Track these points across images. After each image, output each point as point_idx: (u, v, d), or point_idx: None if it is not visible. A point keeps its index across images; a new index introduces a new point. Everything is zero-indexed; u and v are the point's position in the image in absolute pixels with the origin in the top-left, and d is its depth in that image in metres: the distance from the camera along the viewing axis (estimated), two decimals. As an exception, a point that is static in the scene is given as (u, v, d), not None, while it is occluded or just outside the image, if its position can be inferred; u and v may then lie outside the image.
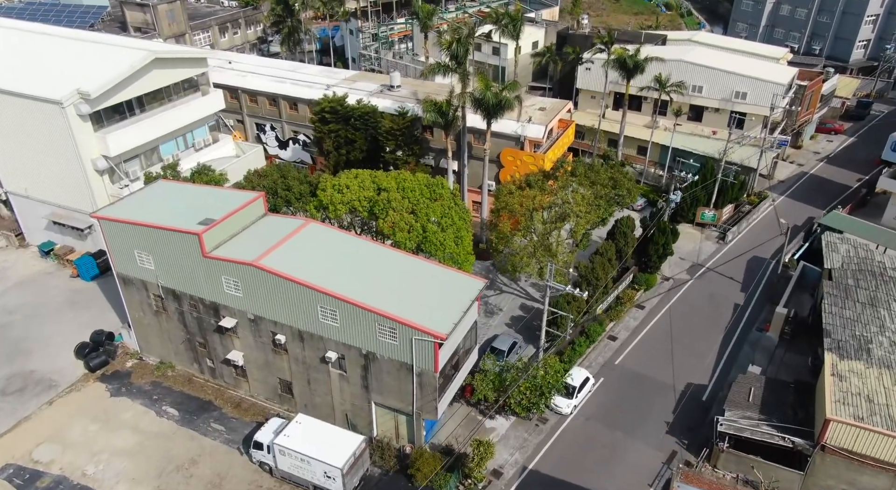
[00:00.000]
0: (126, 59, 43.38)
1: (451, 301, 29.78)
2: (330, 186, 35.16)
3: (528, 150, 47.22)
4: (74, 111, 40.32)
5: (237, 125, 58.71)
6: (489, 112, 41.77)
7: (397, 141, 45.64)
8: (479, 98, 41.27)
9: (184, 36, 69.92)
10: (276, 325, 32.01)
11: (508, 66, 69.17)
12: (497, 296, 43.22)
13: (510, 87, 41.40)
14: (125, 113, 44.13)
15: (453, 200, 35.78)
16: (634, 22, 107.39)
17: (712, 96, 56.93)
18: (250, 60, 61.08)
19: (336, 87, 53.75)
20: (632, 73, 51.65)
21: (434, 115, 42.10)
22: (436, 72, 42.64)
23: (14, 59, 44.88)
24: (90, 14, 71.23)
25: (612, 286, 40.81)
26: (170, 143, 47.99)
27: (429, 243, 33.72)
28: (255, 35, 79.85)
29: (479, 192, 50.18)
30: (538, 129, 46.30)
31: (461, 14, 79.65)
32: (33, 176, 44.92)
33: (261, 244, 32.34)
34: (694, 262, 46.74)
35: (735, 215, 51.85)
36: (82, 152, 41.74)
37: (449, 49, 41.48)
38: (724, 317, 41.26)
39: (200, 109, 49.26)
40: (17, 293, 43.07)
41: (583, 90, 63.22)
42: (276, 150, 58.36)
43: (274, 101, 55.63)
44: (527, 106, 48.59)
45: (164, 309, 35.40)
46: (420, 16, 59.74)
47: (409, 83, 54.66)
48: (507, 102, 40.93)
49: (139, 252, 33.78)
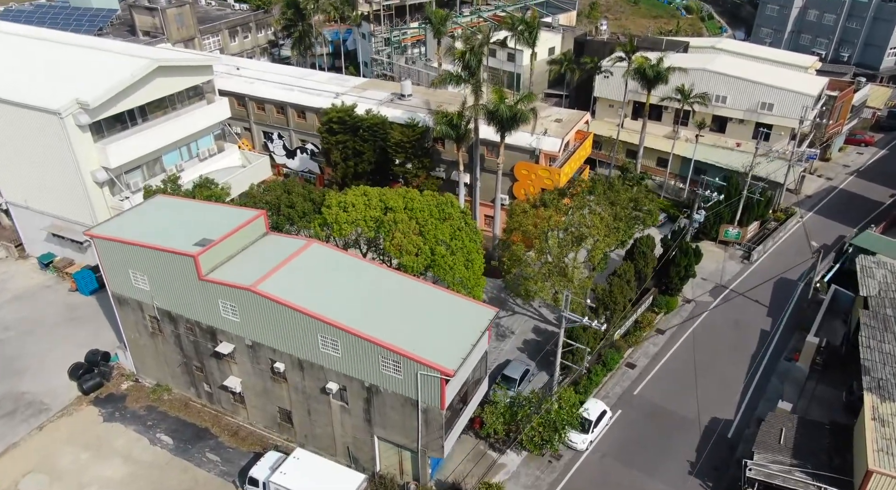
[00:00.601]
0: (128, 67, 42.01)
1: (459, 332, 27.89)
2: (335, 204, 33.39)
3: (543, 164, 45.18)
4: (73, 121, 38.94)
5: (244, 133, 57.30)
6: (503, 125, 39.83)
7: (407, 153, 43.81)
8: (492, 111, 39.34)
9: (193, 40, 68.67)
10: (274, 352, 30.32)
11: (524, 73, 67.14)
12: (509, 317, 41.25)
13: (525, 99, 39.40)
14: (127, 123, 42.74)
15: (463, 220, 33.88)
16: (654, 26, 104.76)
17: (737, 107, 54.49)
18: (259, 66, 59.66)
19: (345, 95, 52.11)
20: (653, 83, 49.41)
21: (445, 127, 40.25)
22: (447, 82, 40.74)
23: (14, 67, 43.67)
24: (99, 18, 70.22)
25: (631, 309, 38.68)
26: (173, 153, 46.55)
27: (437, 267, 31.85)
28: (265, 39, 78.52)
29: (491, 206, 48.24)
30: (554, 142, 44.25)
31: (475, 18, 77.77)
32: (32, 186, 43.67)
33: (260, 266, 30.69)
34: (717, 283, 44.43)
35: (760, 233, 49.41)
36: (81, 164, 40.36)
37: (461, 59, 39.57)
38: (751, 344, 38.94)
39: (205, 118, 47.77)
40: (14, 307, 41.81)
41: (601, 98, 61.03)
42: (283, 159, 56.84)
43: (282, 109, 54.09)
44: (542, 117, 46.60)
45: (159, 330, 33.87)
46: (433, 21, 57.89)
47: (420, 92, 52.85)
48: (523, 116, 38.98)
49: (134, 272, 32.27)
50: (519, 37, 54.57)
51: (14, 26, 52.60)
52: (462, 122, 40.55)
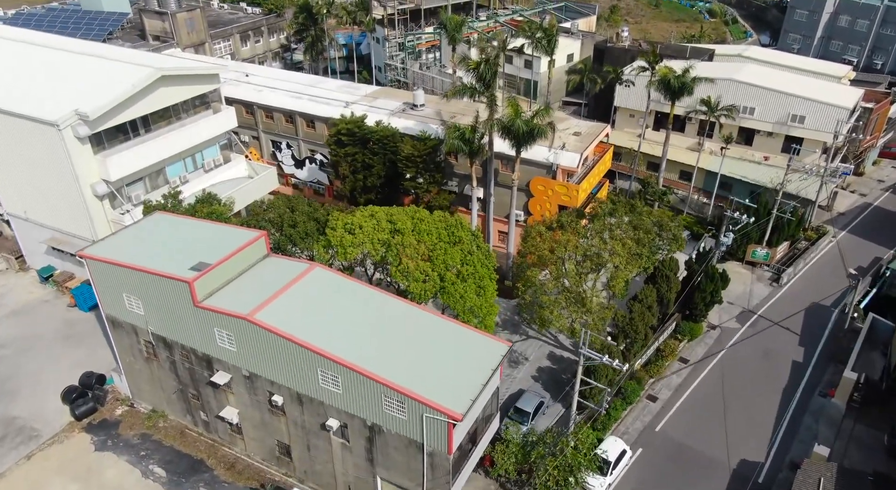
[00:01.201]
0: (131, 76, 40.54)
1: (469, 369, 25.88)
2: (341, 226, 31.53)
3: (560, 180, 43.01)
4: (72, 133, 37.50)
5: (252, 142, 55.74)
6: (519, 141, 37.74)
7: (417, 168, 41.87)
8: (507, 125, 37.26)
9: (203, 45, 67.36)
10: (272, 384, 28.52)
11: (541, 81, 64.95)
12: (523, 342, 39.14)
13: (542, 113, 37.28)
14: (128, 133, 41.25)
15: (475, 244, 31.84)
16: (676, 31, 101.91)
17: (765, 119, 51.85)
18: (268, 73, 58.07)
19: (355, 104, 50.31)
20: (678, 95, 46.98)
21: (457, 142, 38.24)
22: (461, 94, 38.73)
23: (14, 74, 42.39)
24: (110, 21, 69.20)
25: (652, 337, 36.39)
26: (177, 165, 45.03)
27: (446, 295, 29.86)
28: (277, 43, 77.08)
29: (506, 222, 46.14)
30: (572, 157, 42.05)
31: (492, 23, 75.69)
32: (32, 198, 42.37)
33: (259, 292, 28.92)
34: (744, 307, 41.93)
35: (790, 253, 46.78)
36: (80, 176, 38.93)
37: (476, 71, 37.55)
38: (782, 377, 36.46)
39: (211, 129, 46.21)
40: (11, 323, 40.52)
41: (621, 108, 58.64)
42: (291, 169, 55.18)
43: (290, 118, 52.42)
44: (560, 130, 44.40)
45: (154, 356, 32.24)
46: (448, 28, 55.91)
47: (433, 101, 50.88)
48: (540, 131, 36.86)
49: (128, 295, 30.66)
50: (537, 45, 52.39)
51: (19, 32, 51.51)
52: (475, 137, 38.52)
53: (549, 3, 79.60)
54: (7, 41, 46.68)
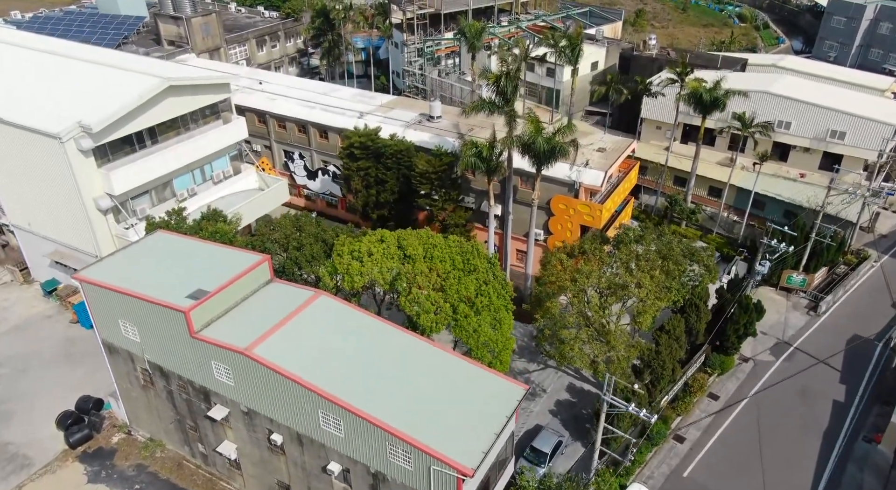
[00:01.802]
0: (139, 86, 39.14)
1: (482, 416, 23.79)
2: (347, 252, 29.63)
3: (583, 198, 40.71)
4: (75, 146, 36.15)
5: (264, 151, 54.23)
6: (539, 159, 35.55)
7: (432, 185, 39.85)
8: (527, 143, 35.10)
9: (218, 50, 66.13)
10: (271, 422, 26.71)
11: (564, 90, 62.51)
12: (541, 372, 36.95)
13: (565, 131, 35.05)
14: (134, 145, 39.85)
15: (491, 272, 29.72)
16: (704, 36, 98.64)
17: (802, 134, 48.93)
18: (282, 80, 56.49)
19: (370, 115, 48.49)
20: (709, 109, 44.37)
21: (474, 159, 36.16)
22: (480, 110, 36.63)
23: (20, 83, 41.24)
24: (126, 26, 68.33)
25: (681, 371, 33.96)
26: (185, 177, 43.56)
27: (459, 328, 27.79)
28: (294, 48, 75.68)
29: (524, 240, 43.97)
30: (596, 175, 39.72)
31: (513, 28, 73.43)
32: (35, 210, 41.21)
33: (260, 323, 27.15)
34: (779, 338, 39.24)
35: (829, 279, 43.89)
36: (83, 190, 37.59)
37: (496, 84, 35.43)
38: (821, 418, 33.77)
39: (221, 140, 44.68)
40: (11, 340, 39.34)
41: (647, 119, 56.06)
42: (304, 179, 53.55)
43: (303, 128, 50.78)
44: (584, 145, 42.12)
45: (151, 384, 30.64)
46: (467, 35, 53.82)
47: (451, 113, 48.83)
48: (562, 150, 34.63)
49: (123, 322, 29.09)
50: (560, 54, 50.07)
51: (30, 37, 50.53)
52: (493, 154, 36.40)
53: (572, 9, 77.13)
54: (16, 48, 45.62)
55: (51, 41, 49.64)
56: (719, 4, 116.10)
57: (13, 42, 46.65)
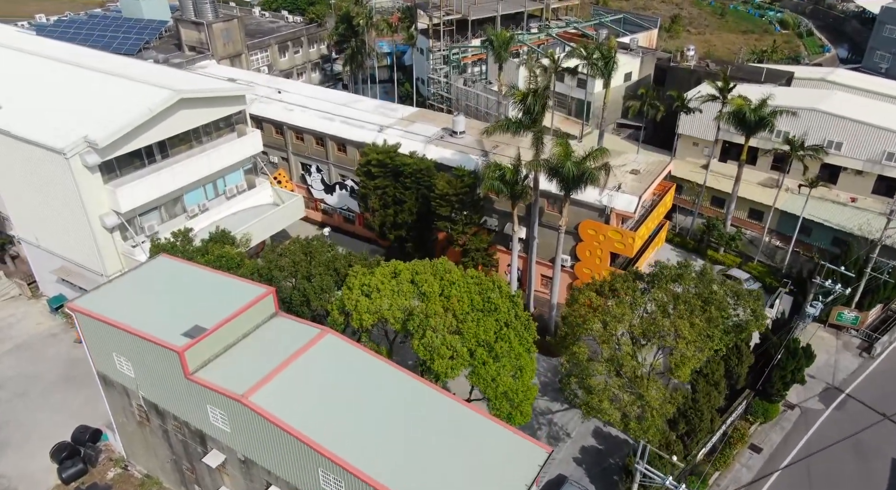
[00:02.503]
0: (150, 98, 37.54)
1: (500, 483, 21.35)
2: (358, 286, 27.41)
3: (614, 224, 37.90)
4: (80, 162, 34.63)
5: (281, 163, 52.42)
6: (568, 185, 32.92)
7: (453, 207, 37.46)
8: (555, 167, 32.49)
9: (240, 56, 64.67)
10: (269, 474, 24.63)
11: (595, 101, 59.64)
12: (565, 412, 34.33)
13: (596, 155, 32.37)
14: (143, 160, 38.27)
15: (513, 312, 27.20)
16: (744, 44, 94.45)
17: (855, 156, 45.36)
18: (302, 89, 54.62)
19: (390, 128, 46.30)
20: (754, 130, 41.18)
21: (497, 183, 33.67)
22: (504, 129, 34.12)
23: (31, 94, 39.95)
24: (148, 30, 67.37)
25: (719, 420, 31.01)
26: (196, 192, 41.91)
27: (477, 377, 25.37)
28: (317, 54, 73.96)
29: (550, 266, 41.34)
30: (629, 201, 36.89)
31: (543, 36, 70.67)
32: (43, 225, 39.92)
33: (260, 363, 25.11)
34: (828, 383, 35.97)
35: (883, 316, 40.33)
36: (88, 208, 36.10)
37: (522, 103, 32.90)
38: (880, 480, 30.48)
39: (235, 153, 42.98)
40: (13, 360, 38.09)
41: (684, 136, 52.91)
42: (321, 193, 51.62)
43: (321, 141, 48.81)
44: (616, 166, 39.31)
45: (147, 421, 28.84)
46: (494, 44, 51.29)
47: (475, 128, 46.33)
48: (592, 176, 31.94)
49: (118, 356, 27.31)
50: (593, 67, 47.29)
51: (45, 44, 49.45)
52: (518, 178, 33.86)
53: (605, 16, 74.03)
54: (28, 56, 44.45)
55: (65, 48, 48.50)
56: (759, 10, 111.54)
57: (26, 49, 45.53)
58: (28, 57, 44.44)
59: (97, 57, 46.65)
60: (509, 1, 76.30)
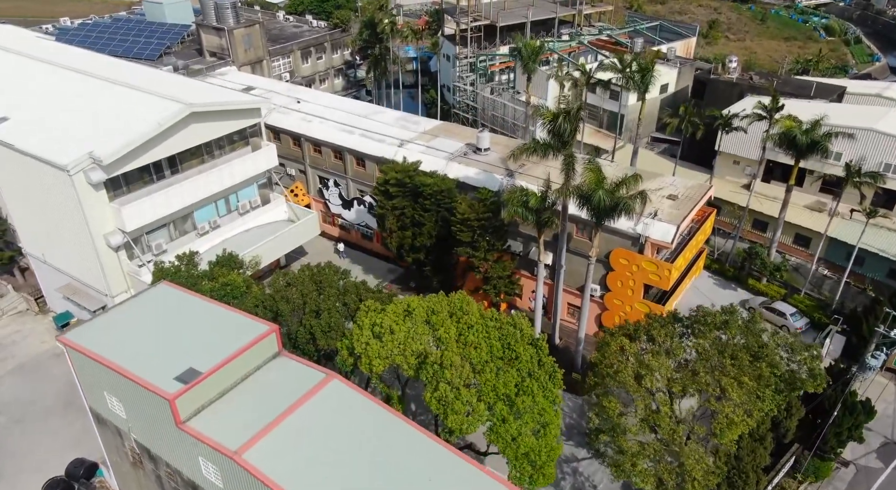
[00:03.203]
0: (161, 111, 35.85)
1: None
2: (368, 326, 25.10)
3: (649, 255, 35.01)
4: (84, 179, 33.01)
5: (299, 176, 50.49)
6: (599, 215, 30.18)
7: (474, 233, 34.95)
8: (586, 196, 29.77)
9: (261, 62, 63.05)
10: (264, 536, 22.42)
11: (628, 114, 56.64)
12: (590, 462, 31.52)
13: (631, 182, 29.58)
14: (152, 176, 36.63)
15: (536, 360, 24.61)
16: (787, 51, 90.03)
17: (915, 181, 41.71)
18: (322, 99, 52.60)
19: (411, 143, 43.98)
20: (805, 153, 37.86)
21: (521, 209, 31.06)
22: (531, 153, 31.51)
23: (40, 105, 38.56)
24: (170, 34, 66.20)
25: (765, 480, 27.97)
26: (207, 208, 40.18)
27: (496, 435, 22.86)
28: (341, 60, 72.07)
29: (578, 294, 38.63)
30: (666, 230, 33.96)
31: (574, 43, 67.74)
32: (49, 241, 38.53)
33: (259, 412, 22.91)
34: (887, 437, 32.55)
35: (945, 359, 36.67)
36: (92, 226, 34.52)
37: (552, 124, 30.26)
38: (942, 555, 27.23)
39: (248, 168, 41.19)
40: (14, 382, 36.70)
41: (724, 153, 49.60)
42: (338, 208, 49.53)
43: (339, 155, 46.71)
44: (651, 189, 36.41)
45: (140, 464, 26.92)
46: (523, 54, 48.61)
47: (501, 144, 43.78)
48: (626, 207, 29.15)
49: (109, 395, 25.44)
50: (628, 82, 44.34)
51: (61, 50, 48.30)
52: (545, 205, 31.20)
53: (641, 22, 70.70)
54: (41, 64, 43.21)
55: (79, 56, 47.25)
56: (802, 15, 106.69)
57: (39, 57, 44.30)
58: (40, 65, 43.22)
59: (111, 65, 45.25)
60: (540, 7, 73.54)
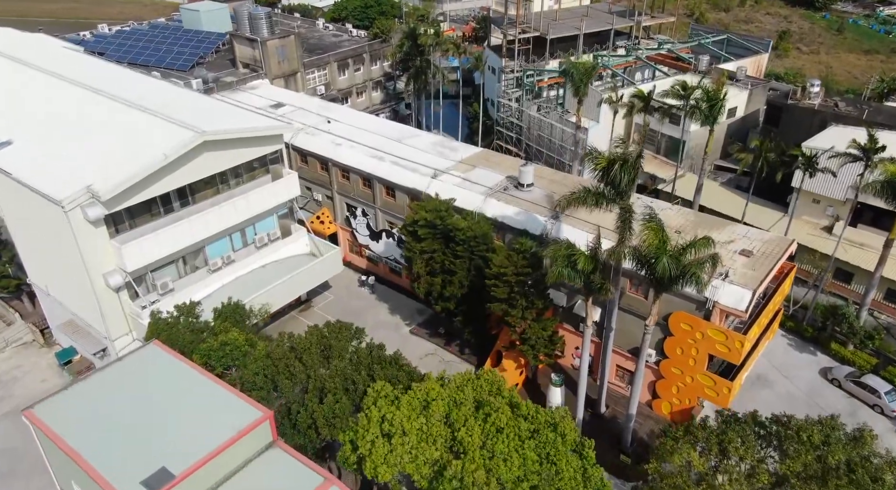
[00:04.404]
0: (173, 138, 32.62)
1: None
2: (376, 420, 20.93)
3: (717, 322, 29.77)
4: (81, 215, 29.93)
5: (326, 202, 46.87)
6: (661, 284, 25.23)
7: (511, 289, 30.41)
8: (646, 260, 24.86)
9: (295, 75, 59.85)
10: None
11: (691, 141, 51.00)
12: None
13: (697, 247, 24.53)
14: (159, 209, 33.40)
15: (580, 474, 19.95)
16: (868, 67, 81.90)
17: None
18: (354, 119, 48.80)
19: (446, 173, 39.72)
20: (912, 204, 31.94)
21: (567, 270, 26.34)
22: (581, 203, 26.75)
23: (48, 129, 35.82)
24: (205, 44, 63.85)
25: None
26: (221, 242, 36.86)
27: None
28: (380, 71, 68.34)
29: (630, 357, 33.70)
30: (740, 296, 28.67)
31: (631, 58, 62.18)
32: (51, 274, 35.93)
33: (239, 525, 19.13)
34: None
35: None
36: (90, 265, 31.54)
37: (605, 172, 25.49)
38: None
39: (267, 200, 37.74)
40: (6, 428, 34.07)
41: (803, 191, 43.54)
42: (366, 239, 45.68)
43: (368, 182, 42.83)
44: (722, 242, 31.18)
45: (115, 557, 23.47)
46: (574, 76, 43.68)
47: (545, 177, 39.05)
48: (696, 278, 24.12)
49: (76, 484, 22.06)
50: (695, 112, 39.01)
51: (78, 62, 45.83)
52: (595, 267, 26.36)
53: (706, 36, 64.55)
54: (55, 80, 40.66)
55: (98, 70, 44.60)
56: (884, 25, 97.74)
57: (53, 71, 41.74)
58: (54, 81, 40.72)
59: (130, 81, 42.45)
60: (594, 17, 68.23)
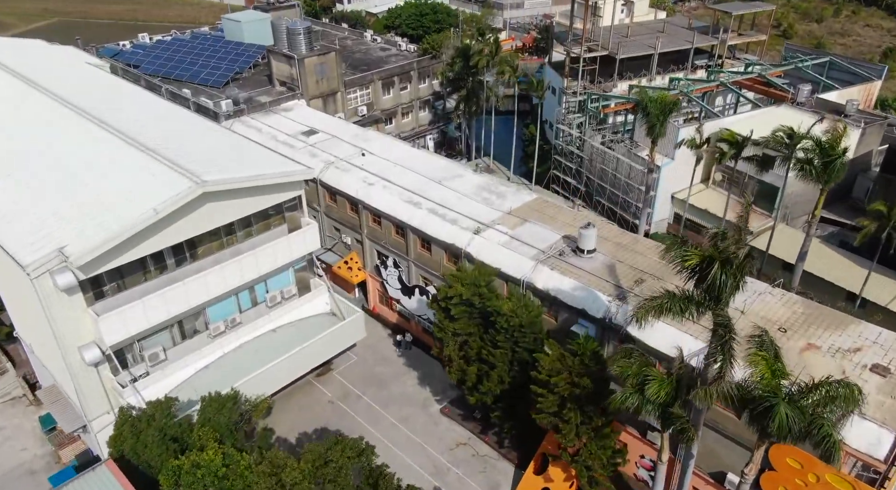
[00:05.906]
0: (171, 188, 27.63)
1: None
2: None
3: (841, 469, 22.31)
4: (50, 282, 25.15)
5: (355, 246, 41.35)
6: (776, 436, 18.18)
7: (564, 403, 23.80)
8: (756, 406, 17.88)
9: (335, 95, 54.76)
10: None
11: (789, 187, 42.79)
12: None
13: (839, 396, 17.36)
14: (150, 269, 28.43)
15: None
16: None
17: None
18: (392, 151, 42.91)
19: (490, 228, 33.40)
20: None
21: (635, 398, 19.59)
22: (662, 312, 19.88)
23: (34, 169, 31.48)
24: (244, 58, 59.78)
25: None
26: (225, 303, 31.80)
27: None
28: (428, 90, 62.50)
29: (712, 484, 26.61)
30: (876, 437, 21.18)
31: (712, 81, 54.06)
32: (34, 333, 31.50)
33: None
34: None
35: None
36: (62, 338, 26.79)
37: (695, 273, 18.65)
38: None
39: (280, 255, 32.56)
40: (-24, 507, 29.98)
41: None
42: (397, 293, 39.85)
43: (401, 230, 36.99)
44: (843, 350, 23.70)
45: None
46: (650, 113, 36.51)
47: (610, 239, 32.15)
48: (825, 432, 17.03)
49: None
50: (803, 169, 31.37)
51: (94, 80, 41.78)
52: (678, 397, 19.53)
53: (803, 58, 55.62)
54: (60, 109, 36.48)
55: (104, 93, 40.46)
56: None
57: (60, 96, 37.60)
58: (49, 110, 36.52)
59: (137, 106, 38.09)
60: (672, 34, 60.38)
